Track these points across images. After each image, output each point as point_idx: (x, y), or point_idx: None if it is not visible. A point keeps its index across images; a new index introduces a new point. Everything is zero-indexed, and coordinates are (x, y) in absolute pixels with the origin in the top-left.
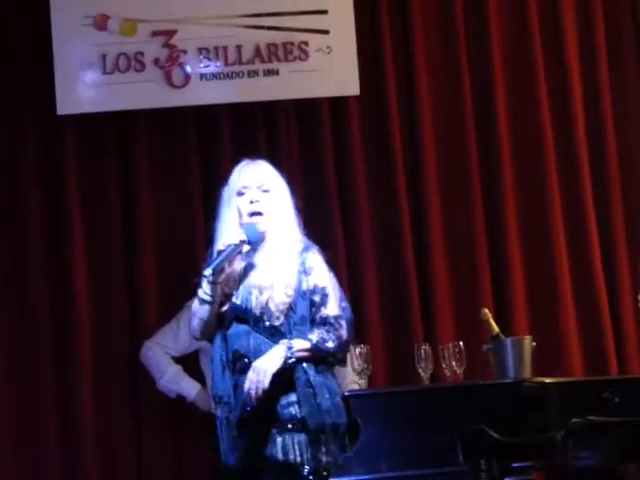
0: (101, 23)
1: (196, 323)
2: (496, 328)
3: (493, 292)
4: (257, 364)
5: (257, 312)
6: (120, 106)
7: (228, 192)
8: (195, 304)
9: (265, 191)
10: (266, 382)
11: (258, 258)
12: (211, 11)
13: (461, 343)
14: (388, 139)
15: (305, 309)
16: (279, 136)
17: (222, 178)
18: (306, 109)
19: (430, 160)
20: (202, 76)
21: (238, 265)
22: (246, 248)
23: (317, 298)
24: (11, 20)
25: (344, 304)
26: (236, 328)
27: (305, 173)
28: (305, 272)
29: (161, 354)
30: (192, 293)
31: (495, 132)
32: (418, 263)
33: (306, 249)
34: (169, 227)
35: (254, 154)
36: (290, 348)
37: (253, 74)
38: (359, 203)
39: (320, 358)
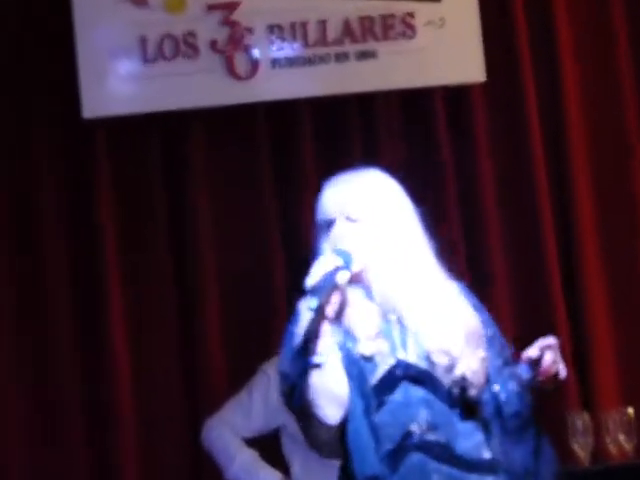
0: None
1: (330, 399)
2: None
3: None
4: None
5: (448, 384)
6: (166, 105)
7: (319, 224)
8: (313, 380)
9: (353, 221)
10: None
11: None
12: None
13: (630, 410)
14: (524, 138)
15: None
16: (378, 139)
17: (304, 194)
18: (413, 102)
19: (579, 160)
20: (274, 62)
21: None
22: (345, 276)
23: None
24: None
25: None
26: (410, 392)
27: (415, 186)
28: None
29: (229, 436)
30: (270, 351)
31: None
32: (569, 306)
33: (460, 285)
34: (235, 260)
35: (345, 163)
36: None
37: (342, 58)
38: (487, 223)
39: None
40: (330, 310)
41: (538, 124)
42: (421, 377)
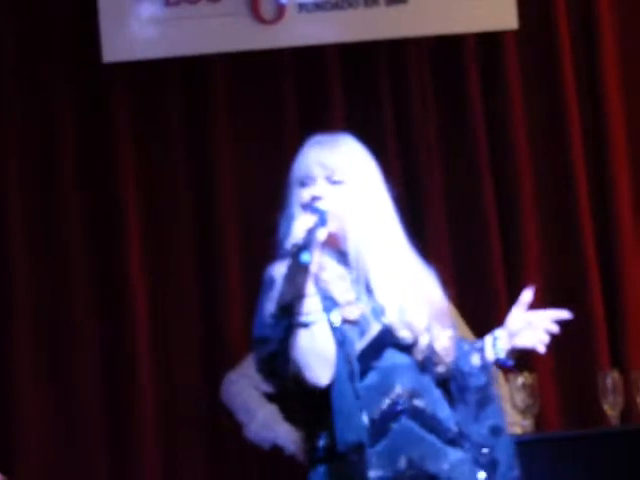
0: None
1: (320, 359)
2: None
3: None
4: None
5: (419, 357)
6: (188, 50)
7: (291, 181)
8: (301, 341)
9: (335, 182)
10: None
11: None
12: None
13: None
14: (558, 87)
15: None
16: (408, 86)
17: None
18: (444, 49)
19: (615, 110)
20: (301, 6)
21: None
22: (324, 233)
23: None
24: None
25: None
26: (394, 358)
27: (446, 136)
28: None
29: (250, 390)
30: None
31: None
32: (602, 260)
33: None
34: (257, 212)
35: (375, 112)
36: None
37: (372, 3)
38: (519, 172)
39: None
40: (314, 268)
41: (572, 72)
42: (404, 344)
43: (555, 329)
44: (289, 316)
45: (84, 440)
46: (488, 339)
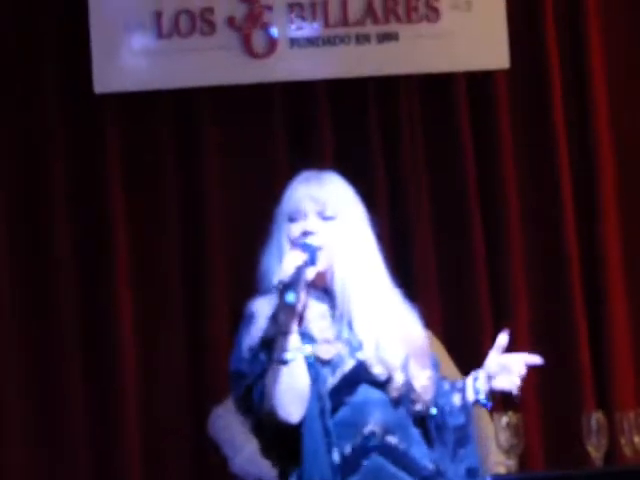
0: None
1: (295, 397)
2: None
3: None
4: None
5: (395, 394)
6: (180, 82)
7: (279, 216)
8: (281, 377)
9: (327, 218)
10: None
11: (356, 317)
12: None
13: None
14: (549, 130)
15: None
16: (398, 125)
17: None
18: (434, 87)
19: (605, 149)
20: (293, 42)
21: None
22: (313, 272)
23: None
24: None
25: None
26: (367, 393)
27: (435, 173)
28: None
29: (236, 425)
30: None
31: None
32: (588, 304)
33: (402, 295)
34: (247, 249)
35: (364, 147)
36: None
37: (363, 40)
38: (507, 211)
39: None
40: (300, 307)
41: (562, 111)
42: (378, 380)
43: (524, 373)
44: (269, 351)
45: (69, 472)
46: (469, 380)
